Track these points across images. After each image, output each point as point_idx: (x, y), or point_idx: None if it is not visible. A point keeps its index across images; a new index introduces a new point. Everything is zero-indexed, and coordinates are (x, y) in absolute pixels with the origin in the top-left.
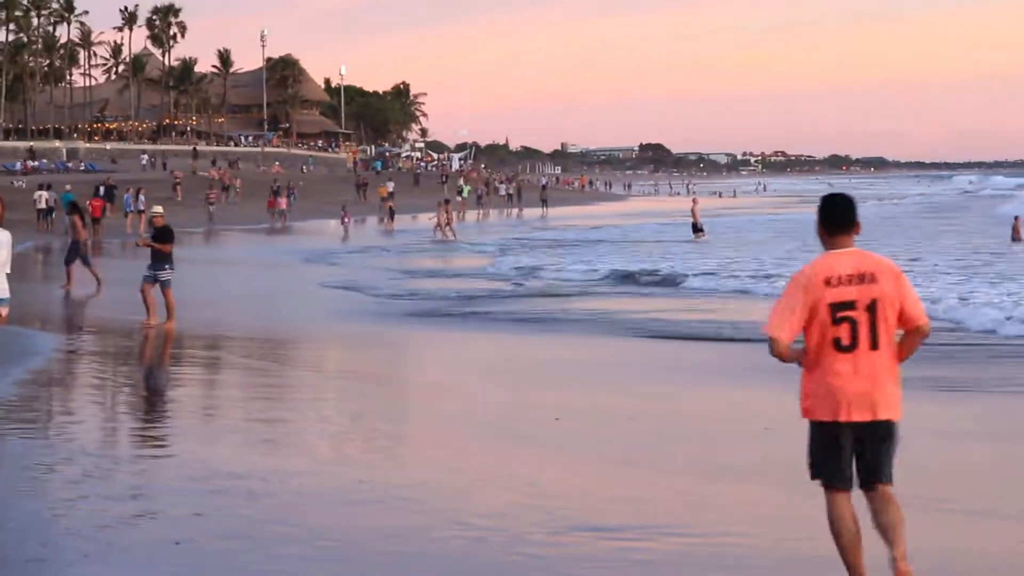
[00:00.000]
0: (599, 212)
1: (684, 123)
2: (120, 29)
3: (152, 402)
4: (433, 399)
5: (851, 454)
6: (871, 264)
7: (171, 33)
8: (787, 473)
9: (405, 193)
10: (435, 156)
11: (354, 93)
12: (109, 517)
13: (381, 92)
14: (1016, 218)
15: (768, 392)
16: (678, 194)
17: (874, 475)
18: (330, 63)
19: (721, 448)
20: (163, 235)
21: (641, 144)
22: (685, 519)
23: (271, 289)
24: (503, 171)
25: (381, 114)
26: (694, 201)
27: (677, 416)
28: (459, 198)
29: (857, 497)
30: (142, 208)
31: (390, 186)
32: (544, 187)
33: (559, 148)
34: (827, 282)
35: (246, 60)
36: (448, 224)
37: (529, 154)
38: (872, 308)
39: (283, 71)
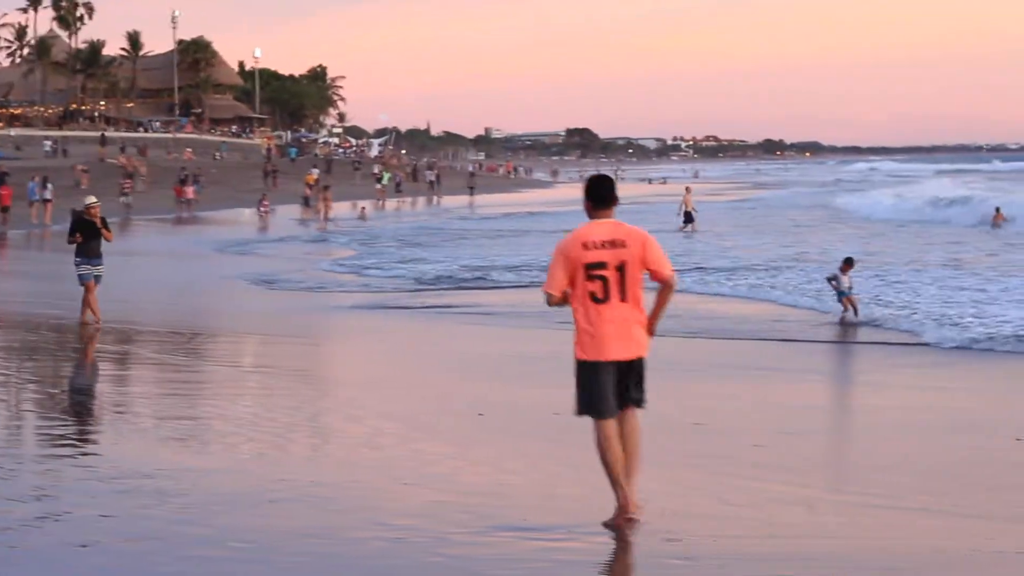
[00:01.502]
0: (525, 200)
1: (612, 107)
2: (24, 10)
3: (59, 399)
4: (353, 394)
5: (612, 387)
6: (623, 232)
7: (78, 14)
8: (719, 467)
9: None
10: (353, 142)
11: (269, 77)
12: (12, 519)
13: (297, 76)
14: (997, 209)
15: (703, 386)
16: None
17: (629, 401)
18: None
19: (649, 442)
20: (103, 226)
21: (568, 129)
22: (607, 516)
23: (183, 281)
24: (424, 157)
25: (297, 98)
26: (687, 189)
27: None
28: (378, 185)
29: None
30: (48, 197)
31: (315, 172)
32: (472, 174)
33: (483, 133)
34: (584, 246)
35: (156, 43)
36: (325, 212)
37: (451, 139)
38: (621, 268)
39: (195, 54)
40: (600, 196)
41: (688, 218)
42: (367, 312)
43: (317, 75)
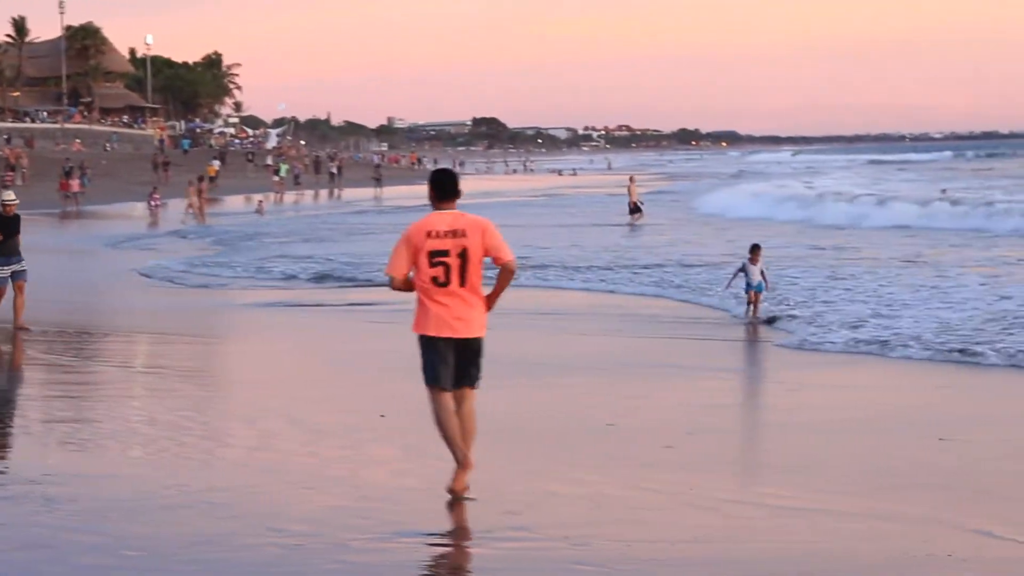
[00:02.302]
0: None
1: (520, 95)
2: None
3: None
4: (248, 395)
5: (451, 363)
6: (464, 223)
7: None
8: (632, 469)
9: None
10: (251, 132)
11: (161, 64)
12: None
13: (191, 63)
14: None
15: (615, 386)
16: (515, 172)
17: (465, 379)
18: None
19: (562, 444)
20: (16, 223)
21: (474, 118)
22: (516, 521)
23: (72, 278)
24: (325, 148)
25: (191, 87)
26: (631, 179)
27: (512, 413)
28: (276, 177)
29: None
30: None
31: (216, 164)
32: (378, 166)
33: (385, 123)
34: (428, 235)
35: (43, 29)
36: (200, 207)
37: (353, 129)
38: (463, 255)
39: (83, 40)
40: (443, 189)
41: (634, 208)
42: (263, 309)
43: (212, 62)
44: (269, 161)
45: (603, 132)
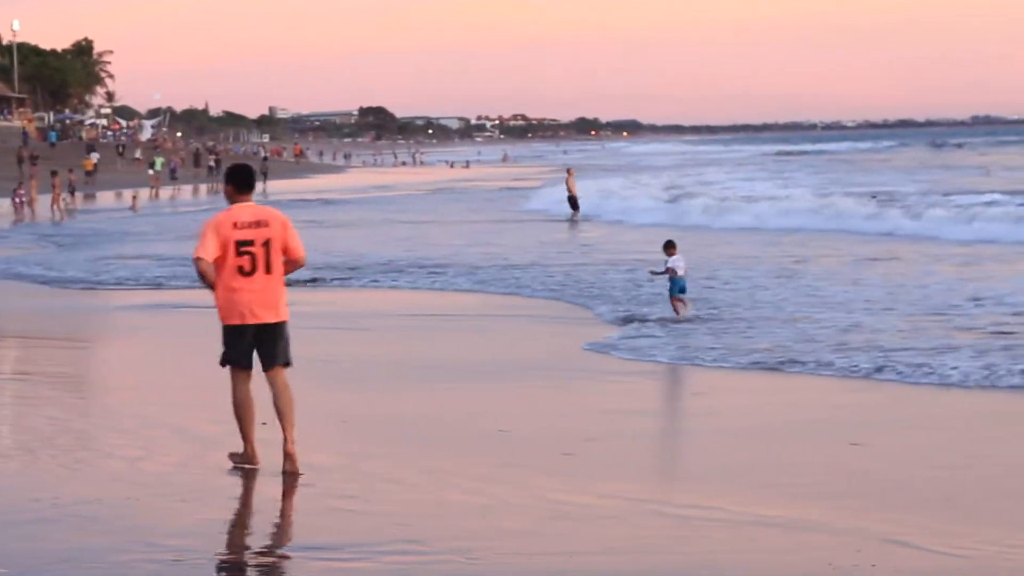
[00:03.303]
0: (317, 186)
1: (411, 84)
2: None
3: None
4: (121, 402)
5: (251, 347)
6: (265, 214)
7: None
8: (527, 478)
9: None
10: (124, 123)
11: (28, 52)
12: None
13: (60, 50)
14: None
15: (507, 390)
16: (404, 164)
17: (272, 360)
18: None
19: (455, 451)
20: None
21: (361, 108)
22: (407, 533)
23: None
24: (203, 140)
25: (60, 75)
26: (569, 172)
27: (399, 419)
28: (151, 172)
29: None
30: None
31: (94, 158)
32: (265, 159)
33: (267, 113)
34: (235, 226)
35: None
36: (30, 202)
37: (232, 120)
38: (266, 245)
39: None
40: (242, 183)
41: (572, 204)
42: (137, 311)
43: (82, 49)
44: (138, 155)
45: (497, 122)
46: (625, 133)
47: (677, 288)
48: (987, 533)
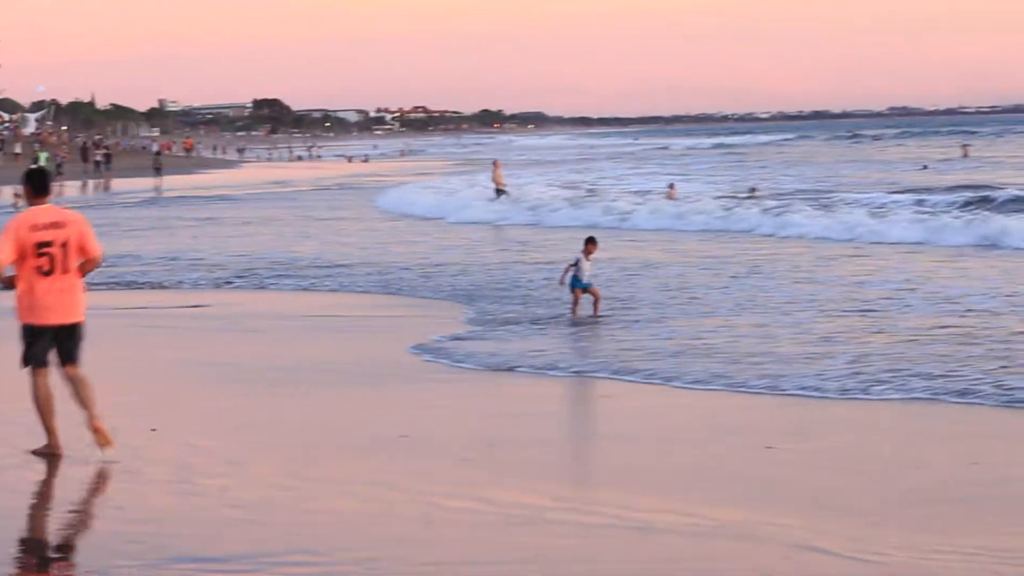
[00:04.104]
0: (209, 182)
1: (306, 75)
2: None
3: None
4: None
5: (50, 346)
6: (63, 216)
7: None
8: (426, 484)
9: None
10: (6, 117)
11: None
12: None
13: None
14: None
15: (408, 394)
16: (300, 158)
17: (69, 359)
18: None
19: (351, 459)
20: None
21: (255, 100)
22: (301, 543)
23: None
24: (90, 134)
25: None
26: (495, 164)
27: (290, 424)
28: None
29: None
30: None
31: None
32: (158, 153)
33: (156, 106)
34: (33, 228)
35: None
36: None
37: (120, 113)
38: (64, 246)
39: None
40: (39, 186)
41: (500, 193)
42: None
43: None
44: (18, 149)
45: (397, 115)
46: (531, 126)
47: (580, 284)
48: (899, 539)
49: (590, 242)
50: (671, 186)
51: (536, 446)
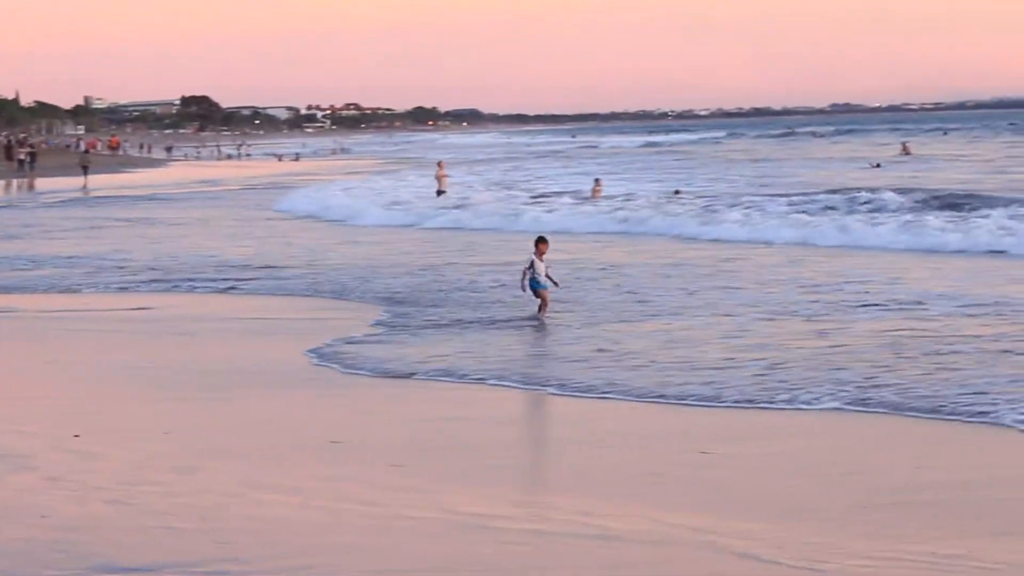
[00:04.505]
0: (136, 182)
1: (236, 71)
2: None
3: None
4: None
5: None
6: None
7: None
8: (359, 492)
9: None
10: None
11: None
12: None
13: None
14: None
15: (337, 398)
16: (229, 157)
17: None
18: None
19: (281, 464)
20: None
21: (183, 97)
22: (230, 552)
23: None
24: (13, 132)
25: None
26: (439, 165)
27: (218, 429)
28: None
29: None
30: None
31: None
32: (87, 151)
33: (82, 103)
34: None
35: None
36: None
37: (45, 111)
38: None
39: None
40: None
41: (441, 194)
42: None
43: None
44: None
45: (329, 112)
46: (465, 123)
47: (538, 285)
48: (837, 545)
49: (541, 242)
50: (597, 182)
51: (457, 452)
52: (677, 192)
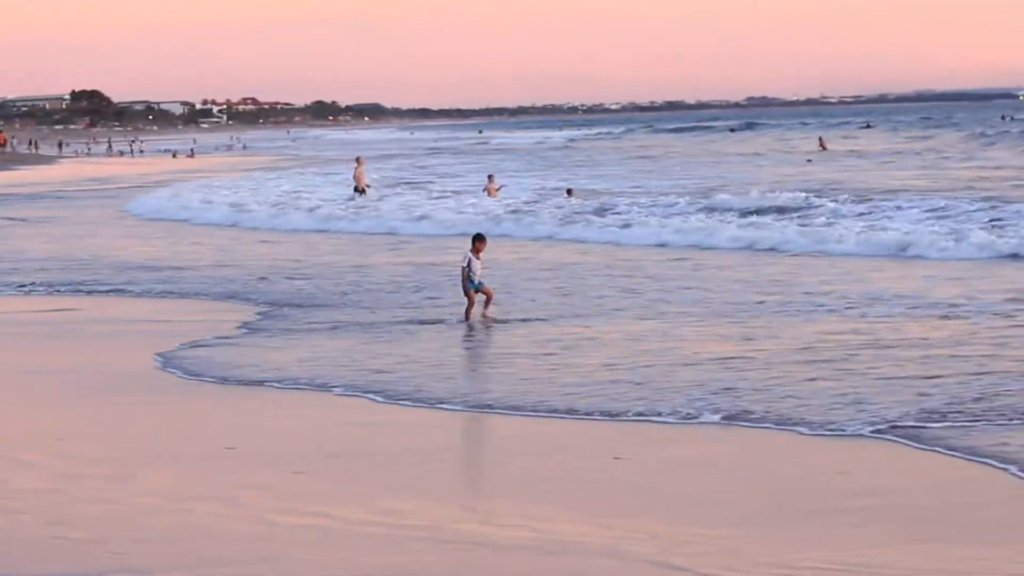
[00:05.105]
0: (21, 179)
1: (129, 65)
2: None
3: None
4: None
5: None
6: None
7: None
8: (258, 500)
9: None
10: None
11: None
12: None
13: None
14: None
15: (234, 402)
16: (122, 153)
17: None
18: None
19: (174, 472)
20: None
21: (73, 91)
22: (125, 562)
23: None
24: None
25: None
26: (359, 161)
27: (105, 435)
28: None
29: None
30: None
31: None
32: None
33: None
34: None
35: None
36: None
37: None
38: None
39: None
40: None
41: (361, 193)
42: None
43: None
44: None
45: (225, 106)
46: (367, 118)
47: (474, 284)
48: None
49: (478, 240)
50: (490, 179)
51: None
52: (569, 192)
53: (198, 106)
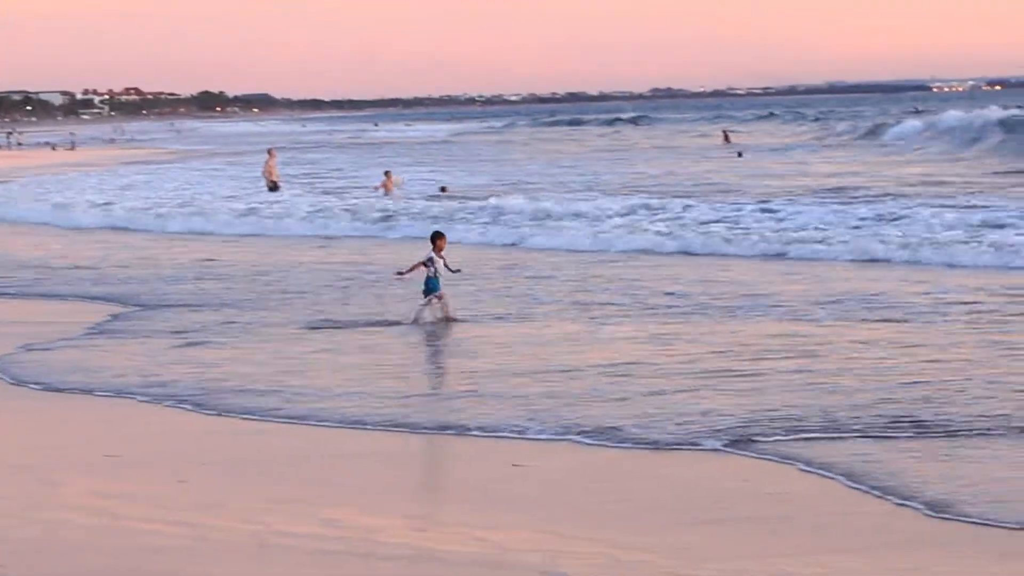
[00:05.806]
0: None
1: (3, 51)
2: None
3: None
4: None
5: None
6: None
7: None
8: (131, 510)
9: None
10: None
11: None
12: None
13: None
14: (386, 173)
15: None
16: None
17: None
18: None
19: (49, 481)
20: None
21: None
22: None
23: None
24: None
25: None
26: (270, 153)
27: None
28: None
29: None
30: None
31: None
32: None
33: None
34: None
35: None
36: None
37: None
38: None
39: None
40: None
41: (273, 187)
42: None
43: None
44: None
45: (107, 97)
46: (256, 109)
47: (431, 286)
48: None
49: (438, 237)
50: (387, 175)
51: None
52: (443, 189)
53: (79, 96)
